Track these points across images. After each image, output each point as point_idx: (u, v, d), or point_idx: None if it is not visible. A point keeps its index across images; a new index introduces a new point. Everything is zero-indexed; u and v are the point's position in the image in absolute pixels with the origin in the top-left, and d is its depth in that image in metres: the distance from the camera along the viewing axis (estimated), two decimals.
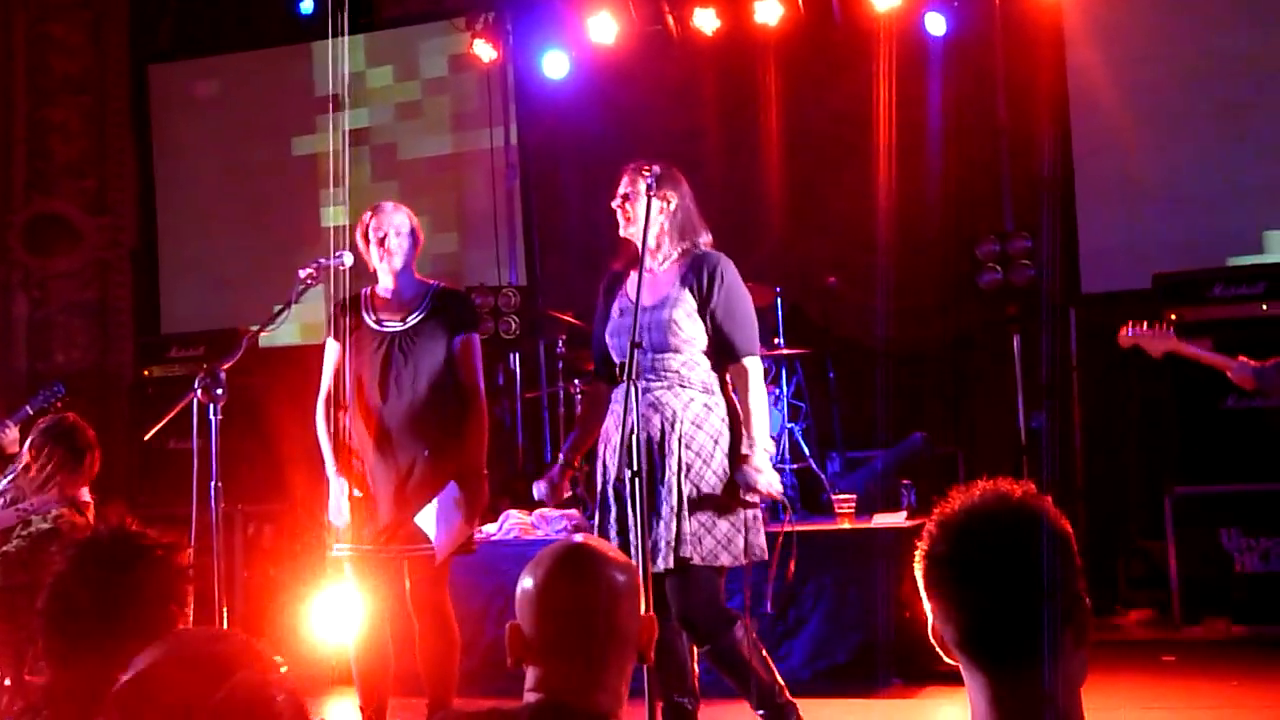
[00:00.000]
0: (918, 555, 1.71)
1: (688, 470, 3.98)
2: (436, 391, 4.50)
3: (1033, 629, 1.61)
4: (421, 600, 4.48)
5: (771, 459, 4.20)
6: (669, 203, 4.15)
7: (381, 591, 4.51)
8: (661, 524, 3.93)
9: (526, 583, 2.14)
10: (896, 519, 6.02)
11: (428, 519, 4.40)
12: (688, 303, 4.07)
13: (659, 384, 4.03)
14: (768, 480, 4.02)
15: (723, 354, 4.12)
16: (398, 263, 4.60)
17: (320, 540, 4.65)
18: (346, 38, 9.10)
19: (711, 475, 4.00)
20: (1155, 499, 6.73)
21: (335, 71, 8.79)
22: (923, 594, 1.72)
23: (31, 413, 5.75)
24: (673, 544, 3.91)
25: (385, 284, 4.64)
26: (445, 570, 4.51)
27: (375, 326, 4.58)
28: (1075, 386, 7.62)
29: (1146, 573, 7.11)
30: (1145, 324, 5.49)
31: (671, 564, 3.91)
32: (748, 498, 4.01)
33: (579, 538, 2.26)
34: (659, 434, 4.01)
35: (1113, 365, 7.19)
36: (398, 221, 4.61)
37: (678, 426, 4.00)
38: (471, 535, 4.61)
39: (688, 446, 4.00)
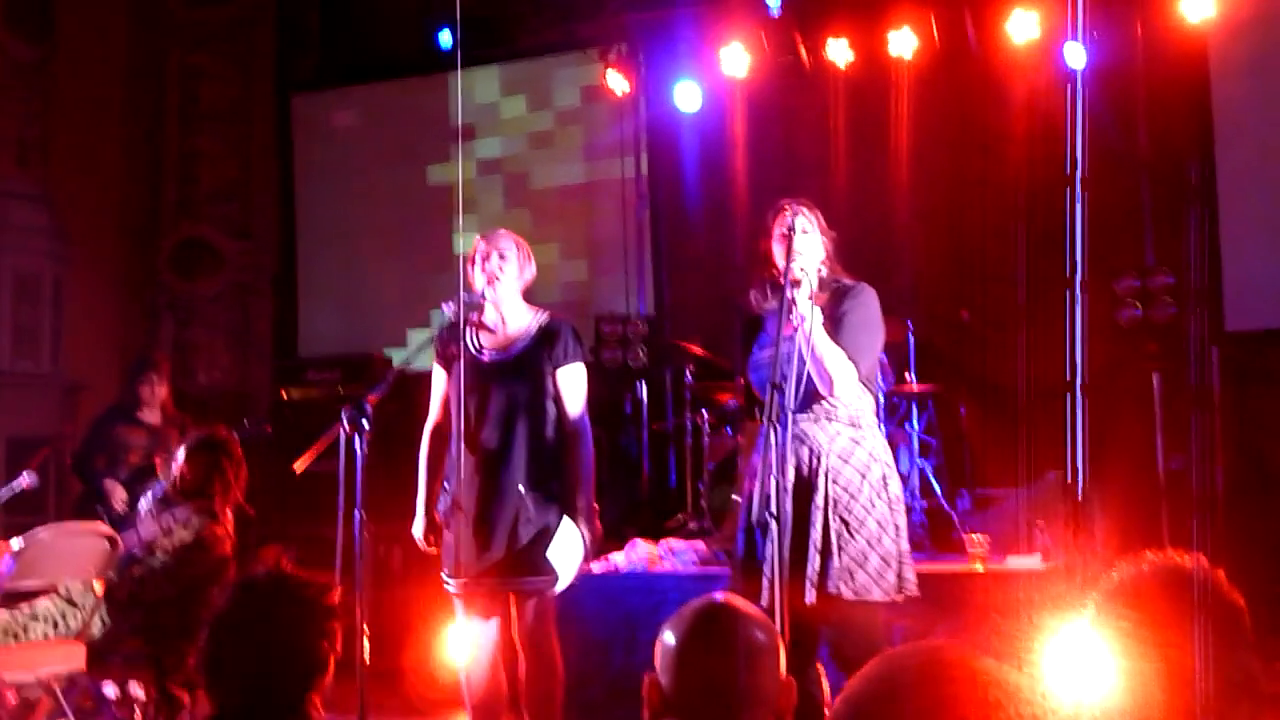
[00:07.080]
0: (1086, 623, 1.66)
1: (835, 505, 3.93)
2: (537, 425, 4.42)
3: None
4: (526, 633, 4.43)
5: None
6: (826, 238, 4.13)
7: (487, 623, 4.48)
8: (808, 560, 3.88)
9: (668, 639, 2.14)
10: (1031, 561, 5.87)
11: (549, 553, 4.37)
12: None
13: (806, 417, 3.98)
14: None
15: None
16: (500, 289, 4.49)
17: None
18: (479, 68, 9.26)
19: (860, 509, 3.95)
20: None
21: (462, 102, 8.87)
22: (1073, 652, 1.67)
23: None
24: (815, 581, 3.86)
25: (490, 310, 4.54)
26: (552, 604, 4.46)
27: (478, 356, 4.51)
28: (1217, 428, 7.37)
29: None
30: None
31: (814, 599, 3.85)
32: None
33: (720, 596, 2.25)
34: (806, 469, 3.97)
35: (1258, 406, 6.94)
36: (503, 245, 4.53)
37: (824, 460, 3.96)
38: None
39: (834, 481, 3.95)
